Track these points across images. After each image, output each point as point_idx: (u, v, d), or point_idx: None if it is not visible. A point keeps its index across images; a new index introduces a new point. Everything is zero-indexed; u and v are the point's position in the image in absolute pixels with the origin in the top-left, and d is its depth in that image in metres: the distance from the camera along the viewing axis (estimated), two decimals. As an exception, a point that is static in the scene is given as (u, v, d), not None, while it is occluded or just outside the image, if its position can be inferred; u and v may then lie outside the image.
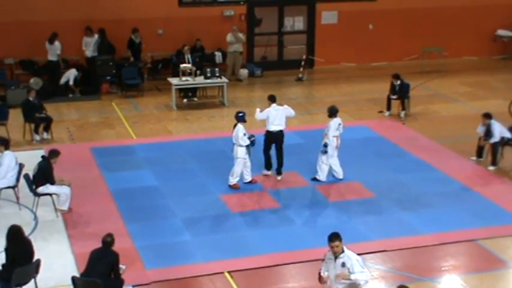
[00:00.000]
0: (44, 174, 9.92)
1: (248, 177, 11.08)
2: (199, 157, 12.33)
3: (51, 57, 16.17)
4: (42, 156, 10.24)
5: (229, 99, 15.84)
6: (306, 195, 10.82)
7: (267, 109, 11.36)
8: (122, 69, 16.56)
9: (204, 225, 9.77)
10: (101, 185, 11.06)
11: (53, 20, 16.48)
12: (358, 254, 7.05)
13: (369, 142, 13.22)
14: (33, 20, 16.49)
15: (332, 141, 11.10)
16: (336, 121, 11.12)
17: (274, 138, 11.32)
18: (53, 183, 9.96)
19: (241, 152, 10.79)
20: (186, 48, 16.16)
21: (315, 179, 11.27)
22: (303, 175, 11.49)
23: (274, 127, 11.23)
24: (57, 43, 16.07)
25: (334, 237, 6.90)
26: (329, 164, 11.22)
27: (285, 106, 11.47)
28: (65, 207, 10.03)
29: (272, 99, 11.42)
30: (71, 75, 16.28)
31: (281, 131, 11.30)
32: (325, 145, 11.10)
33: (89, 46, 16.64)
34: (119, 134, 13.76)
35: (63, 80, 16.30)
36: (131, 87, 16.58)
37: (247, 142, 10.76)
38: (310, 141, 12.69)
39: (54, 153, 10.08)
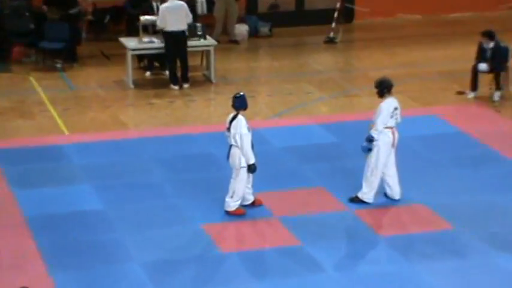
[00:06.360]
0: None
1: (249, 197, 11.05)
2: (170, 165, 12.29)
3: None
4: None
5: (218, 72, 15.84)
6: (340, 225, 10.74)
7: (162, 6, 14.82)
8: (43, 25, 16.56)
9: (178, 274, 9.60)
10: (10, 209, 10.97)
11: None
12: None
13: (443, 142, 13.19)
14: None
15: (384, 135, 10.95)
16: (390, 103, 10.98)
17: (175, 41, 14.65)
18: None
19: (243, 160, 10.70)
20: None
21: (356, 200, 11.21)
22: (335, 194, 11.42)
23: (173, 27, 14.47)
24: None
25: None
26: (380, 174, 11.10)
27: (183, 3, 14.95)
28: None
29: None
30: None
31: (183, 32, 14.89)
32: (370, 139, 10.97)
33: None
34: (41, 127, 13.74)
35: None
36: (56, 54, 16.50)
37: (252, 160, 10.68)
38: (348, 140, 12.63)
39: None
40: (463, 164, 12.43)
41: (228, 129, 10.71)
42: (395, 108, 10.99)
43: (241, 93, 10.78)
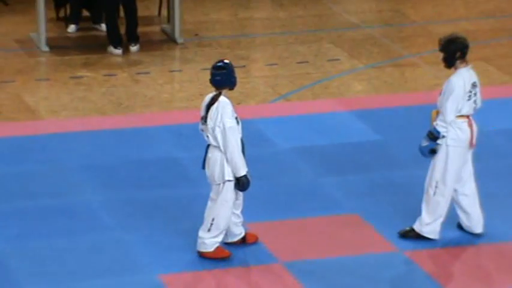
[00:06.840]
0: None
1: (237, 230, 10.71)
2: (110, 177, 12.06)
3: None
4: None
5: (187, 26, 16.07)
6: (384, 275, 10.38)
7: None
8: None
9: None
10: None
11: None
12: None
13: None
14: None
15: (457, 129, 10.58)
16: (465, 76, 10.51)
17: None
18: None
19: (229, 170, 10.39)
20: None
21: (411, 235, 10.89)
22: (375, 224, 11.09)
23: None
24: None
25: None
26: (451, 193, 10.73)
27: None
28: None
29: None
30: None
31: None
32: (434, 135, 10.63)
33: None
34: None
35: None
36: None
37: (243, 170, 10.37)
38: (397, 136, 12.76)
39: None
40: None
41: (204, 119, 10.28)
42: (474, 85, 10.55)
43: (226, 62, 10.38)
